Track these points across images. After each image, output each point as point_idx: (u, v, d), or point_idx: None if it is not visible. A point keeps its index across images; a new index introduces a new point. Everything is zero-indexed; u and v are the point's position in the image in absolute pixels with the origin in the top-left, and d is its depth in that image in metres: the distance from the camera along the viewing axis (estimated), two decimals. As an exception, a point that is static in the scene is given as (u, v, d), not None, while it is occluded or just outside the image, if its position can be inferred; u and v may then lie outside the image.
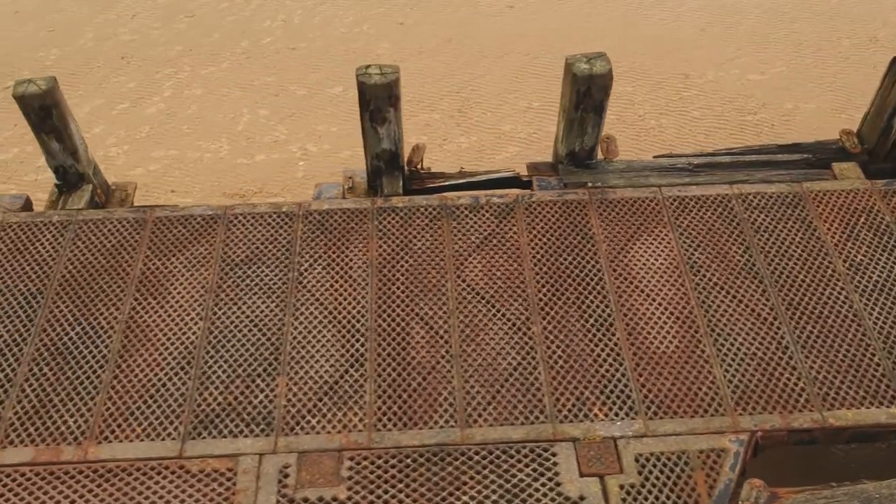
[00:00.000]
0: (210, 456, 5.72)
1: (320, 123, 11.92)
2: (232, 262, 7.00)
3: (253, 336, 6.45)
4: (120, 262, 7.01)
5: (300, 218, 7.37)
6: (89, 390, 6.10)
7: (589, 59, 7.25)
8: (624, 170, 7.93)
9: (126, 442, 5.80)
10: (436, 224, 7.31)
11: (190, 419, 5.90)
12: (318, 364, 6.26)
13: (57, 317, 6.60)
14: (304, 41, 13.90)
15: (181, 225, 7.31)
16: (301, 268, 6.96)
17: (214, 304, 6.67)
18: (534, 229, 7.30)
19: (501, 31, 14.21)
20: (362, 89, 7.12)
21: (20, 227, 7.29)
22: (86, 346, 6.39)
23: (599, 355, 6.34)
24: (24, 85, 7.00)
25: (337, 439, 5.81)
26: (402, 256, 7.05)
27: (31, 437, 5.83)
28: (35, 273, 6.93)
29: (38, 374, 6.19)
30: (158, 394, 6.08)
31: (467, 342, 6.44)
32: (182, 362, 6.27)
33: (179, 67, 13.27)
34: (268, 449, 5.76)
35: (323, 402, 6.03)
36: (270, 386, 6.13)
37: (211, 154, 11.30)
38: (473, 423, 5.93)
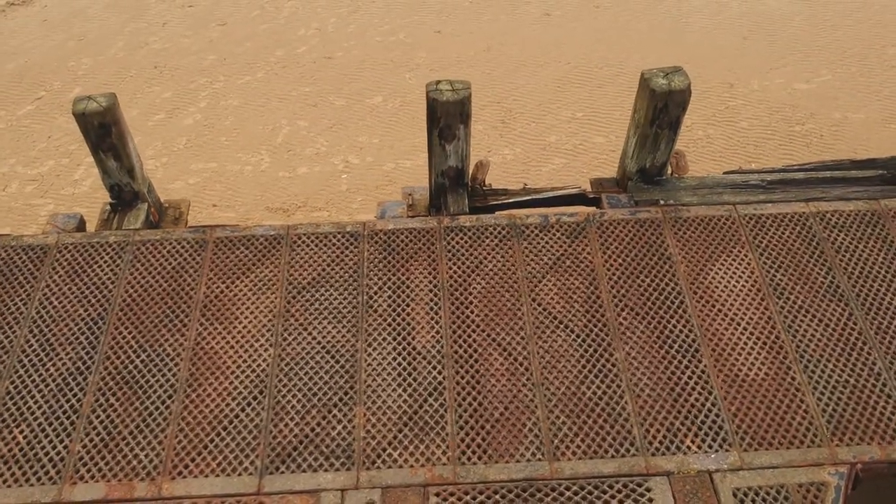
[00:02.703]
0: (290, 492, 5.48)
1: (361, 135, 11.67)
2: (298, 284, 6.75)
3: (326, 363, 6.21)
4: (182, 285, 6.77)
5: (365, 238, 7.13)
6: (159, 422, 5.86)
7: (666, 73, 7.00)
8: (696, 186, 7.68)
9: (201, 477, 5.56)
10: (506, 244, 7.06)
11: (266, 452, 5.66)
12: (396, 393, 6.01)
13: (121, 343, 6.36)
14: (339, 50, 13.66)
15: (243, 246, 7.06)
16: (370, 291, 6.71)
17: (283, 330, 6.42)
18: (607, 249, 7.05)
19: (540, 39, 13.96)
20: (433, 106, 6.87)
21: (76, 248, 7.06)
22: (152, 374, 6.15)
23: (687, 383, 6.09)
24: (84, 102, 6.76)
25: (421, 473, 5.57)
26: (474, 278, 6.80)
27: (102, 471, 5.60)
28: (95, 297, 6.68)
29: (104, 405, 5.95)
30: (231, 425, 5.83)
31: (548, 369, 6.18)
32: (254, 391, 6.03)
33: (214, 77, 13.02)
34: (350, 484, 5.51)
35: (403, 433, 5.78)
36: (348, 416, 5.88)
37: (251, 167, 11.05)
38: (561, 456, 5.68)
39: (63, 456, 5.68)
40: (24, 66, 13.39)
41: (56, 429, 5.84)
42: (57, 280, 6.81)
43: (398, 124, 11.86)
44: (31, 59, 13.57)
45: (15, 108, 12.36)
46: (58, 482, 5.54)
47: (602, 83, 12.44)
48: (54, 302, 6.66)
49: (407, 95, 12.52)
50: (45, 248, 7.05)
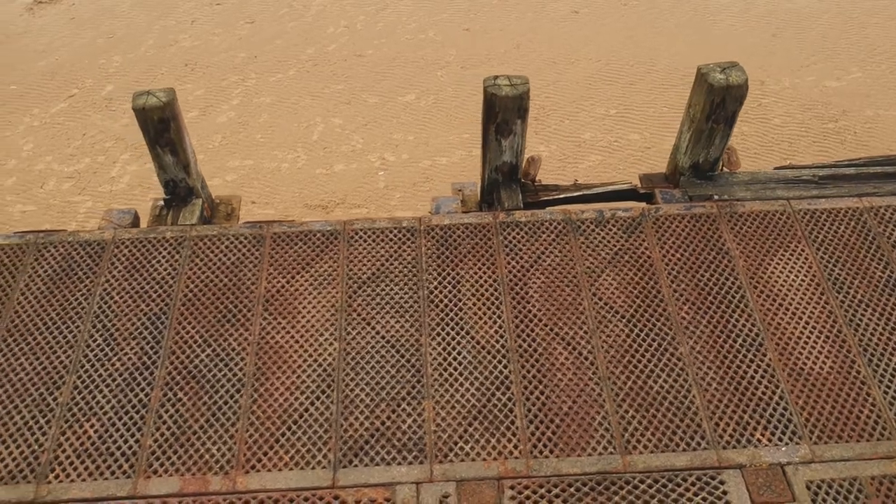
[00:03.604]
0: (365, 485, 5.48)
1: (396, 132, 11.67)
2: (359, 279, 6.75)
3: (391, 357, 6.21)
4: (243, 280, 6.77)
5: (422, 233, 7.12)
6: (229, 416, 5.86)
7: (723, 69, 7.00)
8: (748, 182, 7.68)
9: (275, 471, 5.56)
10: (563, 239, 7.06)
11: (339, 446, 5.66)
12: (463, 387, 6.01)
13: (185, 338, 6.36)
14: (370, 48, 13.66)
15: (301, 241, 7.06)
16: (431, 285, 6.71)
17: (347, 324, 6.43)
18: (665, 244, 7.05)
19: (569, 36, 13.96)
20: (491, 101, 6.87)
21: (133, 243, 7.06)
22: (219, 369, 6.15)
23: (753, 377, 6.09)
24: (143, 97, 6.76)
25: (494, 467, 5.57)
26: (533, 273, 6.80)
27: (175, 466, 5.60)
28: (156, 292, 6.69)
29: (173, 399, 5.96)
30: (302, 419, 5.83)
31: (613, 363, 6.19)
32: (322, 385, 6.03)
33: (246, 75, 13.02)
34: (424, 477, 5.51)
35: (473, 426, 5.78)
36: (417, 410, 5.88)
37: (288, 164, 11.06)
38: (633, 450, 5.68)
39: (135, 450, 5.69)
40: (54, 63, 13.39)
41: (126, 423, 5.85)
42: (116, 275, 6.82)
43: (432, 121, 11.87)
44: (62, 56, 13.58)
45: (48, 106, 12.36)
46: (132, 476, 5.54)
47: (633, 80, 12.45)
48: (115, 297, 6.66)
49: (439, 93, 12.52)
50: (103, 244, 7.06)
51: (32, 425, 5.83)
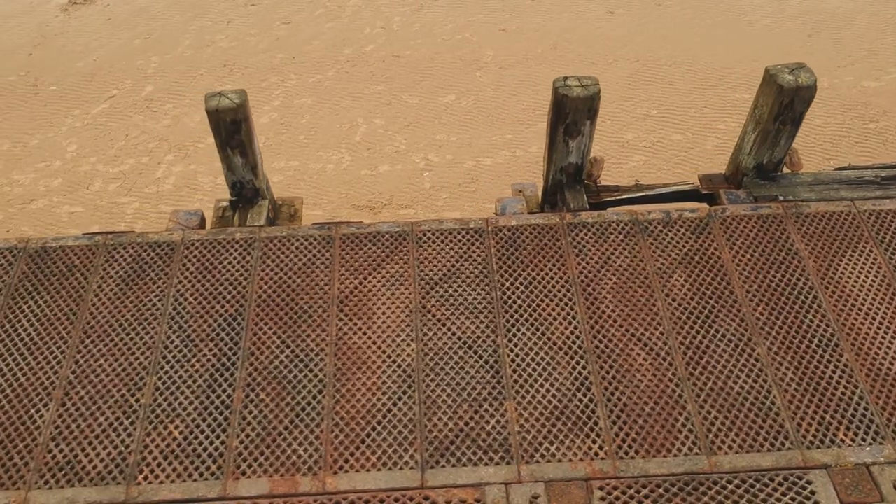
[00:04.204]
0: (454, 486, 5.49)
1: (438, 133, 11.68)
2: (431, 280, 6.76)
3: (469, 358, 6.22)
4: (315, 281, 6.78)
5: (490, 234, 7.13)
6: (313, 417, 5.87)
7: (792, 69, 7.00)
8: (812, 182, 7.69)
9: (363, 471, 5.57)
10: (631, 240, 7.07)
11: (424, 446, 5.67)
12: (544, 388, 6.02)
13: (262, 339, 6.38)
14: (407, 49, 13.67)
15: (370, 242, 7.08)
16: (503, 286, 6.72)
17: (423, 325, 6.44)
18: (734, 245, 7.05)
19: (605, 37, 13.97)
20: (561, 102, 6.88)
21: (203, 245, 7.07)
22: (299, 370, 6.16)
23: (831, 378, 6.09)
24: (216, 98, 6.78)
25: (581, 468, 5.57)
26: (604, 274, 6.80)
27: (263, 467, 5.61)
28: (230, 294, 6.70)
29: (255, 400, 5.97)
30: (386, 419, 5.85)
31: (692, 364, 6.19)
32: (403, 386, 6.04)
33: (285, 76, 13.04)
34: (512, 478, 5.52)
35: (557, 427, 5.78)
36: (500, 411, 5.89)
37: (333, 165, 11.07)
38: (718, 450, 5.68)
39: (221, 451, 5.70)
40: (93, 64, 13.41)
41: (210, 424, 5.86)
42: (189, 277, 6.83)
43: (474, 122, 11.88)
44: (100, 57, 13.59)
45: (89, 107, 12.38)
46: (220, 477, 5.56)
47: (672, 81, 12.46)
48: (189, 299, 6.67)
49: (479, 93, 12.53)
50: (173, 245, 7.07)
51: (117, 426, 5.84)
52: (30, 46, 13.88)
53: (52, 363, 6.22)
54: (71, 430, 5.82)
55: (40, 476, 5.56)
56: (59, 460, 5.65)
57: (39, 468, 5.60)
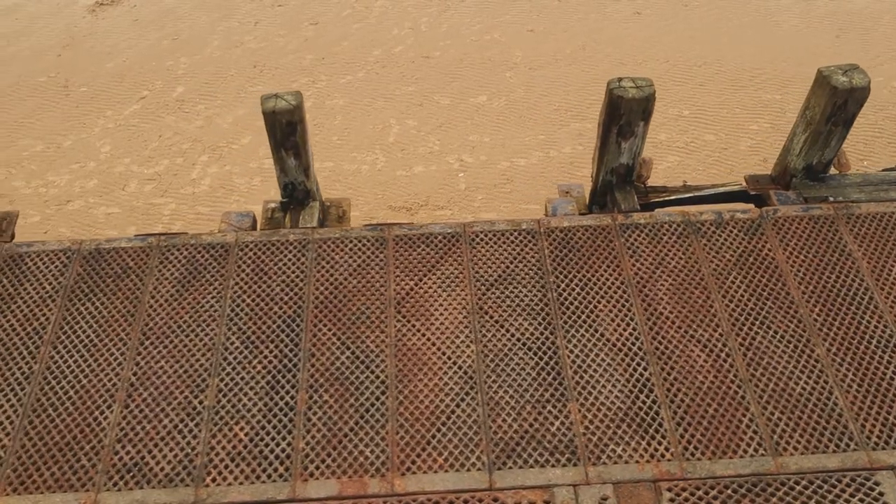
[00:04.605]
0: (522, 487, 5.49)
1: (471, 133, 11.68)
2: (486, 281, 6.77)
3: (529, 359, 6.22)
4: (371, 282, 6.79)
5: (542, 235, 7.13)
6: (377, 418, 5.87)
7: (845, 71, 7.00)
8: (861, 183, 7.68)
9: (430, 473, 5.57)
10: (685, 241, 7.06)
11: (490, 448, 5.67)
12: (606, 389, 6.02)
13: (322, 341, 6.38)
14: (436, 50, 13.68)
15: (423, 244, 7.08)
16: (558, 287, 6.72)
17: (481, 326, 6.44)
18: (787, 246, 7.05)
19: (633, 37, 13.96)
20: (616, 103, 6.88)
21: (257, 246, 7.08)
22: (360, 371, 6.16)
23: (893, 378, 6.08)
24: (272, 100, 6.78)
25: (648, 469, 5.57)
26: (659, 275, 6.80)
27: (331, 468, 5.61)
28: (287, 295, 6.71)
29: (319, 402, 5.97)
30: (450, 421, 5.85)
31: (752, 366, 6.19)
32: (465, 387, 6.04)
33: (316, 77, 13.05)
34: (579, 479, 5.52)
35: (622, 429, 5.79)
36: (563, 412, 5.89)
37: (368, 166, 11.08)
38: (783, 451, 5.68)
39: (288, 453, 5.71)
40: (122, 65, 13.42)
41: (276, 425, 5.86)
42: (245, 278, 6.84)
43: (506, 123, 11.89)
44: (129, 58, 13.61)
45: (121, 108, 12.39)
46: (288, 479, 5.56)
47: (703, 81, 12.45)
48: (247, 300, 6.68)
49: (510, 94, 12.53)
50: (227, 247, 7.08)
51: (182, 428, 5.85)
52: (58, 47, 13.91)
53: (112, 365, 6.23)
54: (136, 432, 5.82)
55: (108, 478, 5.57)
56: (126, 462, 5.66)
57: (107, 470, 5.61)
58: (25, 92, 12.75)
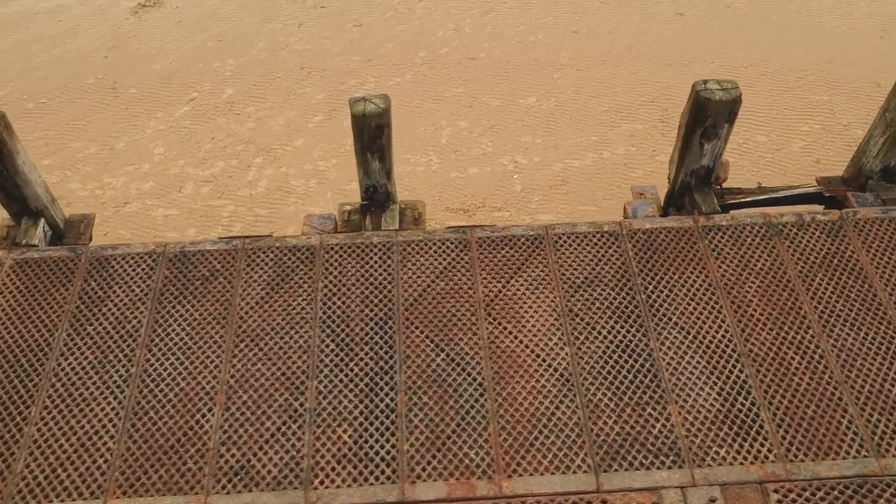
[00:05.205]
0: (630, 490, 5.51)
1: (523, 135, 11.70)
2: (573, 283, 6.79)
3: (625, 362, 6.25)
4: (459, 284, 6.81)
5: (625, 237, 7.15)
6: (479, 420, 5.90)
7: (928, 72, 7.00)
8: (939, 185, 7.68)
9: (536, 475, 5.60)
10: (768, 242, 7.08)
11: (594, 450, 5.69)
12: (704, 391, 6.04)
13: (416, 343, 6.41)
14: (481, 51, 13.70)
15: (506, 246, 7.11)
16: (646, 289, 6.74)
17: (573, 329, 6.46)
18: (871, 248, 7.06)
19: (678, 38, 13.98)
20: (703, 105, 6.90)
21: (343, 249, 7.11)
22: (457, 373, 6.19)
23: None
24: (361, 103, 6.81)
25: (753, 471, 5.59)
26: (746, 277, 6.82)
27: (437, 470, 5.64)
28: (377, 297, 6.74)
29: (419, 404, 6.01)
30: (551, 423, 5.87)
31: (847, 367, 6.21)
32: (563, 390, 6.06)
33: (363, 79, 13.08)
34: (686, 481, 5.54)
35: (724, 431, 5.80)
36: (664, 415, 5.91)
37: (422, 168, 11.11)
38: (885, 453, 5.70)
39: (393, 455, 5.73)
40: (169, 67, 13.47)
41: (378, 428, 5.89)
42: (333, 280, 6.87)
43: (557, 124, 11.91)
44: (175, 60, 13.65)
45: (171, 110, 12.43)
46: (396, 481, 5.59)
47: (751, 83, 12.47)
48: (337, 302, 6.71)
49: (559, 95, 12.56)
50: (312, 249, 7.11)
51: (286, 430, 5.88)
52: (104, 49, 13.95)
53: (210, 368, 6.27)
54: (240, 435, 5.85)
55: (216, 481, 5.61)
56: (232, 465, 5.69)
57: (214, 473, 5.64)
58: (75, 94, 12.79)
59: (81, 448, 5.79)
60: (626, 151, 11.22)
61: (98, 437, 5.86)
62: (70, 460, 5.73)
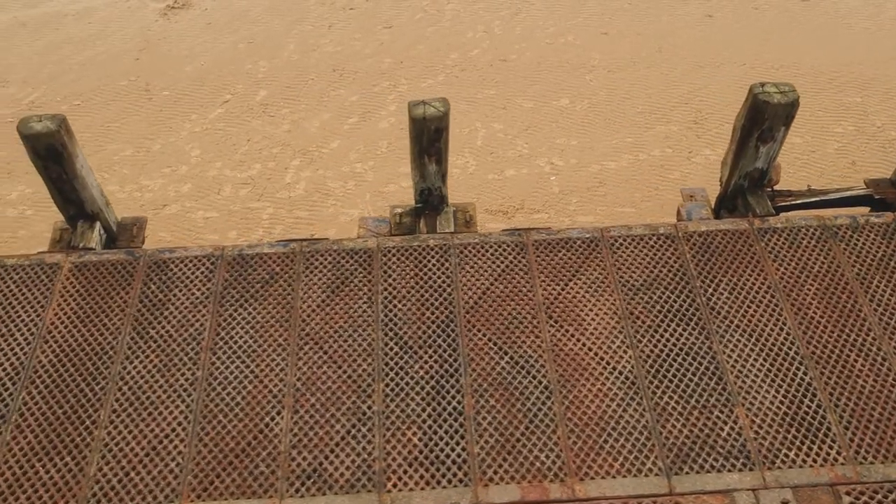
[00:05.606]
0: (702, 492, 5.53)
1: (558, 137, 11.73)
2: (632, 286, 6.81)
3: (689, 365, 6.26)
4: (517, 287, 6.84)
5: (682, 240, 7.16)
6: (547, 423, 5.93)
7: None
8: None
9: (608, 478, 5.62)
10: (824, 244, 7.10)
11: (664, 453, 5.71)
12: (770, 394, 6.06)
13: (479, 346, 6.43)
14: (512, 53, 13.73)
15: (563, 248, 7.13)
16: (706, 292, 6.75)
17: (635, 332, 6.48)
18: (927, 250, 7.07)
19: (707, 40, 13.99)
20: (761, 108, 6.92)
21: (400, 252, 7.13)
22: (522, 376, 6.22)
23: None
24: (421, 107, 6.84)
25: (823, 473, 5.61)
26: (805, 279, 6.84)
27: (509, 473, 5.67)
28: (437, 300, 6.76)
29: (486, 406, 6.03)
30: (619, 426, 5.90)
31: (910, 370, 6.20)
32: (629, 392, 6.09)
33: (396, 81, 13.10)
34: (758, 484, 5.57)
35: (791, 433, 5.82)
36: (731, 417, 5.93)
37: (459, 169, 11.13)
38: (954, 456, 5.69)
39: (464, 458, 5.75)
40: (201, 69, 13.50)
41: (447, 430, 5.92)
42: (393, 283, 6.89)
43: (591, 126, 11.93)
44: (206, 61, 13.68)
45: (205, 112, 12.47)
46: (469, 484, 5.61)
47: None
48: (398, 305, 6.73)
49: (592, 97, 12.58)
50: (370, 252, 7.14)
51: (355, 433, 5.91)
52: (135, 51, 13.99)
53: (276, 371, 6.29)
54: (310, 438, 5.88)
55: (290, 484, 5.63)
56: (304, 468, 5.72)
57: (287, 476, 5.67)
58: (108, 96, 12.83)
59: (153, 451, 5.82)
60: (662, 153, 11.24)
61: (168, 440, 5.89)
62: (142, 463, 5.76)
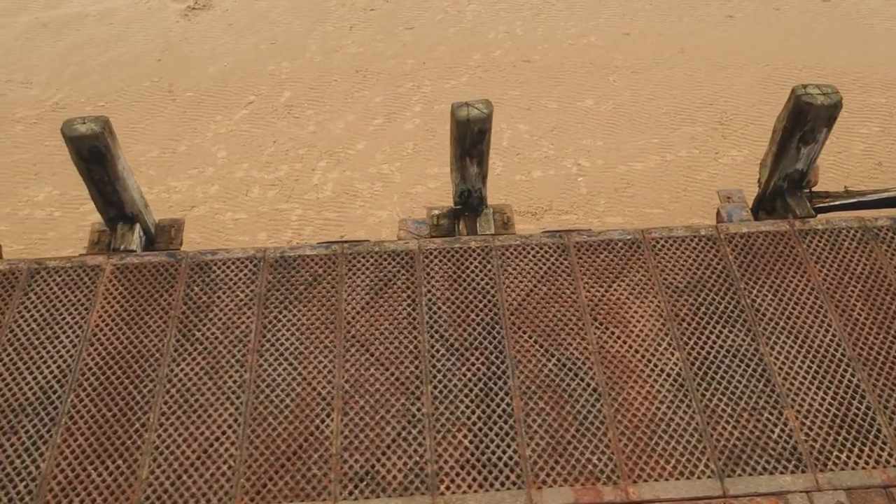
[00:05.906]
0: (756, 494, 5.53)
1: (584, 138, 11.73)
2: (676, 288, 6.81)
3: (737, 367, 6.27)
4: (561, 288, 6.84)
5: (723, 241, 7.16)
6: (597, 426, 5.93)
7: None
8: None
9: (661, 480, 5.62)
10: (865, 246, 7.10)
11: (716, 455, 5.71)
12: (819, 395, 6.06)
13: (526, 348, 6.43)
14: (535, 54, 13.73)
15: (604, 250, 7.13)
16: (750, 294, 6.75)
17: (681, 334, 6.48)
18: (969, 252, 7.06)
19: (729, 41, 13.99)
20: (805, 109, 6.92)
21: (441, 254, 7.14)
22: (570, 378, 6.22)
23: None
24: (465, 109, 6.84)
25: (876, 475, 5.62)
26: (848, 281, 6.84)
27: (562, 476, 5.67)
28: (481, 302, 6.76)
29: (535, 409, 6.03)
30: (670, 428, 5.90)
31: (958, 372, 6.20)
32: (678, 395, 6.09)
33: (420, 82, 13.10)
34: (811, 486, 5.57)
35: (842, 435, 5.83)
36: (781, 419, 5.93)
37: (487, 171, 11.11)
38: None
39: (516, 460, 5.76)
40: (224, 70, 13.51)
41: (497, 433, 5.92)
42: (436, 285, 6.90)
43: (617, 127, 11.93)
44: (229, 63, 13.69)
45: (230, 113, 12.47)
46: (522, 487, 5.62)
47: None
48: (442, 307, 6.74)
49: (617, 98, 12.58)
50: (411, 254, 7.14)
51: (406, 436, 5.91)
52: (157, 52, 13.99)
53: (323, 373, 6.30)
54: (361, 441, 5.88)
55: (343, 487, 5.64)
56: (357, 471, 5.72)
57: (340, 479, 5.67)
58: (132, 97, 12.84)
59: (204, 454, 5.82)
60: (689, 154, 11.24)
61: (219, 443, 5.89)
62: (194, 466, 5.76)
